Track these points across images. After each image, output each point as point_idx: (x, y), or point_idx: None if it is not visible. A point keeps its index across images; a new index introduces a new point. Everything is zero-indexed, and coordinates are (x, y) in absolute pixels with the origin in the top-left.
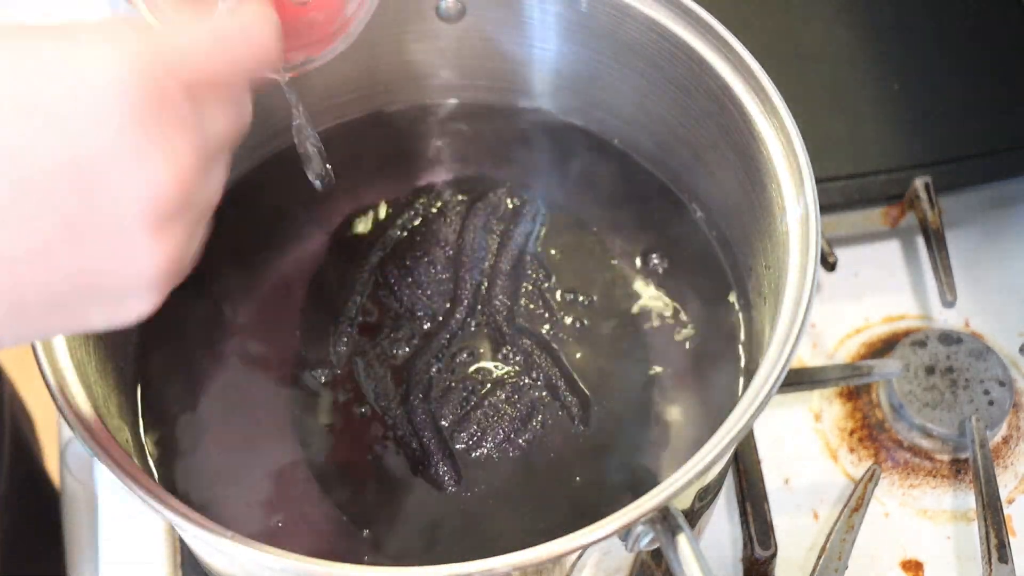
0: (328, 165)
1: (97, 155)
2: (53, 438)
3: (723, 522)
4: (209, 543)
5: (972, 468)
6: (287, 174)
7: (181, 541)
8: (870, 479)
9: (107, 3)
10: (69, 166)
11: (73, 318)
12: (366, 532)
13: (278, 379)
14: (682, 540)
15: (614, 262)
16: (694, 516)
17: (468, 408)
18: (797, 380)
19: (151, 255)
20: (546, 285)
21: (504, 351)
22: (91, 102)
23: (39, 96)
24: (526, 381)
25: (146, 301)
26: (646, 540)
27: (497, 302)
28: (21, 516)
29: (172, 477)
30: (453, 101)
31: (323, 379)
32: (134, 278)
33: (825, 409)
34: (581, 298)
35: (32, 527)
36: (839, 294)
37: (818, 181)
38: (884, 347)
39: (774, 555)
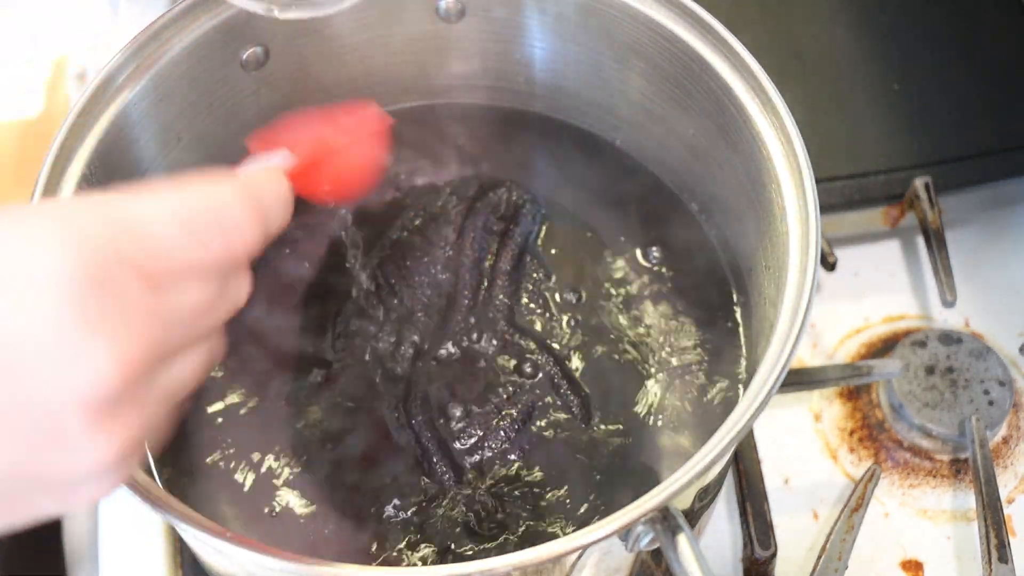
0: None
1: (25, 343)
2: None
3: (723, 522)
4: (209, 543)
5: (972, 468)
6: None
7: (181, 541)
8: (870, 479)
9: (107, 2)
10: None
11: (20, 508)
12: (365, 533)
13: (276, 379)
14: (682, 540)
15: (614, 262)
16: (694, 516)
17: (468, 408)
18: (797, 380)
19: (94, 447)
20: (546, 285)
21: (504, 351)
22: (22, 286)
23: None
24: (526, 381)
25: (100, 486)
26: (646, 540)
27: (497, 302)
28: None
29: (172, 477)
30: (453, 101)
31: (322, 379)
32: (79, 470)
33: (825, 409)
34: (581, 298)
35: (32, 527)
36: (839, 294)
37: (818, 181)
38: (884, 347)
39: (774, 555)
